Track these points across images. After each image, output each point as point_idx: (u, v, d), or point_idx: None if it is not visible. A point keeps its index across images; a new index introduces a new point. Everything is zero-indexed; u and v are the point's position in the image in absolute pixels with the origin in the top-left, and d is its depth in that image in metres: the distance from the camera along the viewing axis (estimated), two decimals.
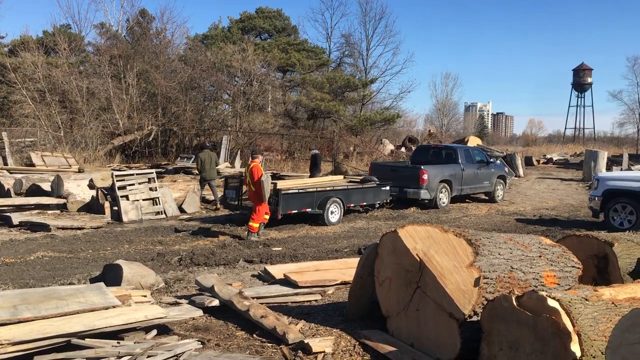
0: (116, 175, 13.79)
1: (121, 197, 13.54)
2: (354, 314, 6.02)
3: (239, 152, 26.66)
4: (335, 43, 46.14)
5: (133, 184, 13.92)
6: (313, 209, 13.13)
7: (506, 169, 20.26)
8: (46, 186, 15.03)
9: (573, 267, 5.25)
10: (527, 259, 5.00)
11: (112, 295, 5.56)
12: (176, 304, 6.45)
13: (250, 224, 11.42)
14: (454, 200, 17.41)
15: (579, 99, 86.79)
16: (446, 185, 16.71)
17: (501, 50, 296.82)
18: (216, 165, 17.09)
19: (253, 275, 8.22)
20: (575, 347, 3.77)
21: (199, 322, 5.94)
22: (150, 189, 14.19)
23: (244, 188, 13.32)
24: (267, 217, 11.76)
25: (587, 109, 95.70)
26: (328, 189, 13.81)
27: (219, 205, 15.54)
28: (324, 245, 10.97)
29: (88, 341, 4.75)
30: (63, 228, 11.95)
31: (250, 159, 11.95)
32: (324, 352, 5.02)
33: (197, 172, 17.17)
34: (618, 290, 4.38)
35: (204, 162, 16.46)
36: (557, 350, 3.82)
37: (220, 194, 15.97)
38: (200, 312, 6.06)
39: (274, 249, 10.43)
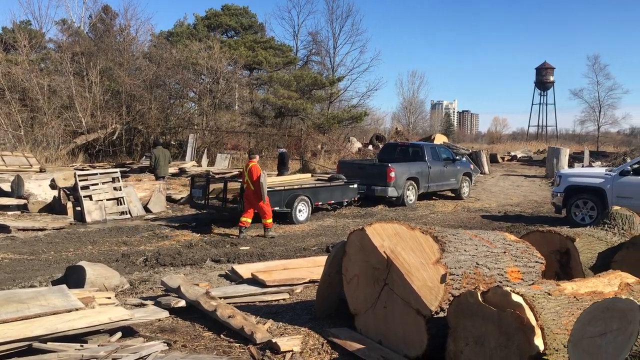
0: (79, 175, 13.52)
1: (84, 197, 13.28)
2: (322, 312, 6.03)
3: (205, 150, 26.41)
4: (302, 41, 46.06)
5: (96, 184, 13.67)
6: (281, 208, 13.10)
7: (472, 167, 20.53)
8: (6, 186, 14.63)
9: (536, 262, 5.36)
10: (492, 255, 5.07)
11: (74, 298, 5.44)
12: (141, 305, 6.36)
13: (265, 221, 11.64)
14: (421, 197, 17.59)
15: (542, 97, 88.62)
16: (413, 182, 16.87)
17: (466, 49, 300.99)
18: (169, 163, 16.97)
19: (220, 275, 8.16)
20: (538, 341, 3.84)
21: (165, 324, 5.87)
22: (115, 189, 13.96)
23: (211, 187, 13.24)
24: (249, 220, 11.75)
25: (550, 106, 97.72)
26: (296, 187, 13.80)
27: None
28: (291, 243, 10.97)
29: (50, 345, 4.64)
30: (24, 229, 11.66)
31: (248, 158, 12.10)
32: (292, 351, 5.01)
33: (151, 169, 17.03)
34: (580, 284, 4.48)
35: (158, 158, 16.28)
36: (521, 344, 3.89)
37: (185, 193, 15.81)
38: (166, 314, 5.98)
39: (241, 248, 10.39)
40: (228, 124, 30.53)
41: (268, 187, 13.19)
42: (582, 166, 27.69)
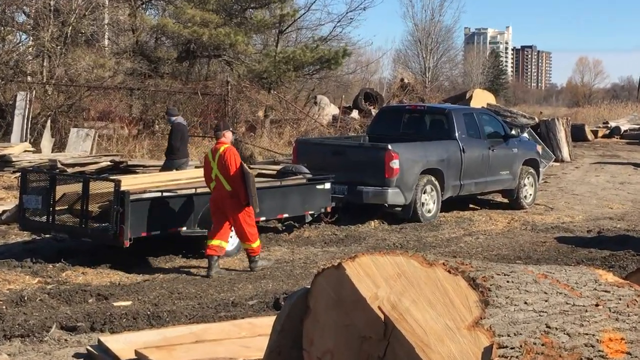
0: None
1: None
2: None
3: (49, 122, 26.07)
4: None
5: None
6: (190, 228, 13.05)
7: (539, 149, 20.75)
8: None
9: None
10: (575, 310, 5.13)
11: None
12: None
13: (248, 246, 12.05)
14: (447, 205, 17.69)
15: None
16: (433, 179, 16.94)
17: None
18: None
19: (77, 355, 8.10)
20: None
21: None
22: None
23: (59, 191, 13.09)
24: (224, 243, 12.22)
25: None
26: None
27: None
28: (210, 293, 10.96)
29: None
30: None
31: (214, 139, 12.14)
32: None
33: None
34: None
35: None
36: None
37: (10, 203, 15.63)
38: None
39: (117, 303, 10.30)
40: (91, 74, 30.19)
41: (164, 191, 13.14)
42: None
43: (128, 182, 13.11)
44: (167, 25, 33.80)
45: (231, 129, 13.06)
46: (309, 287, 5.58)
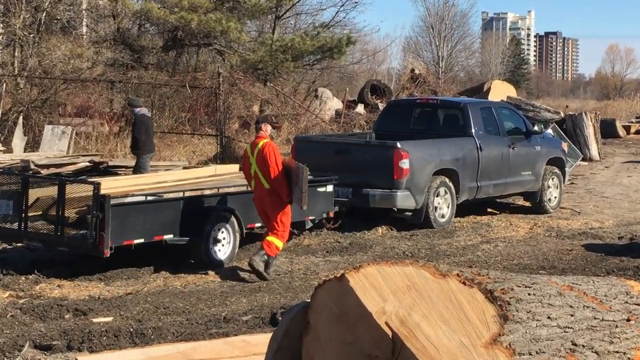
0: None
1: None
2: None
3: (20, 118, 26.08)
4: None
5: None
6: (178, 236, 13.05)
7: (564, 146, 20.71)
8: None
9: None
10: (604, 325, 5.12)
11: None
12: None
13: (270, 239, 12.32)
14: (462, 210, 17.68)
15: None
16: (447, 180, 16.92)
17: None
18: None
19: None
20: None
21: None
22: None
23: (32, 195, 13.08)
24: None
25: None
26: (207, 192, 13.74)
27: None
28: (200, 308, 10.95)
29: None
30: None
31: (254, 131, 12.24)
32: None
33: None
34: None
35: None
36: None
37: None
38: None
39: (96, 319, 10.29)
40: (67, 64, 30.17)
41: (149, 194, 13.14)
42: None
43: (108, 185, 13.11)
44: (151, 11, 33.73)
45: (274, 121, 13.09)
46: (309, 300, 5.57)
